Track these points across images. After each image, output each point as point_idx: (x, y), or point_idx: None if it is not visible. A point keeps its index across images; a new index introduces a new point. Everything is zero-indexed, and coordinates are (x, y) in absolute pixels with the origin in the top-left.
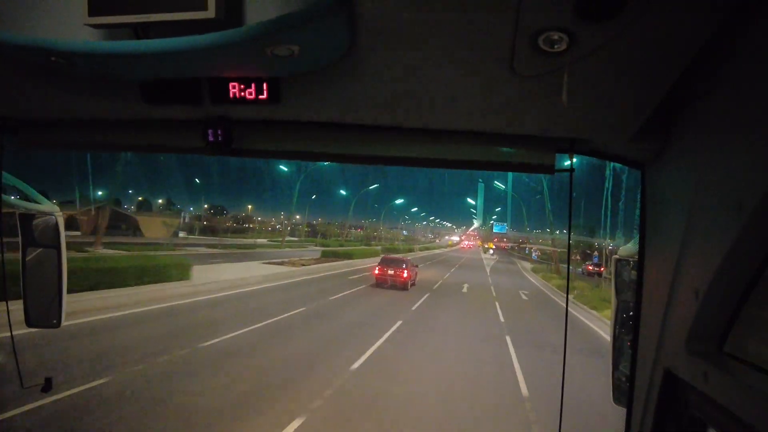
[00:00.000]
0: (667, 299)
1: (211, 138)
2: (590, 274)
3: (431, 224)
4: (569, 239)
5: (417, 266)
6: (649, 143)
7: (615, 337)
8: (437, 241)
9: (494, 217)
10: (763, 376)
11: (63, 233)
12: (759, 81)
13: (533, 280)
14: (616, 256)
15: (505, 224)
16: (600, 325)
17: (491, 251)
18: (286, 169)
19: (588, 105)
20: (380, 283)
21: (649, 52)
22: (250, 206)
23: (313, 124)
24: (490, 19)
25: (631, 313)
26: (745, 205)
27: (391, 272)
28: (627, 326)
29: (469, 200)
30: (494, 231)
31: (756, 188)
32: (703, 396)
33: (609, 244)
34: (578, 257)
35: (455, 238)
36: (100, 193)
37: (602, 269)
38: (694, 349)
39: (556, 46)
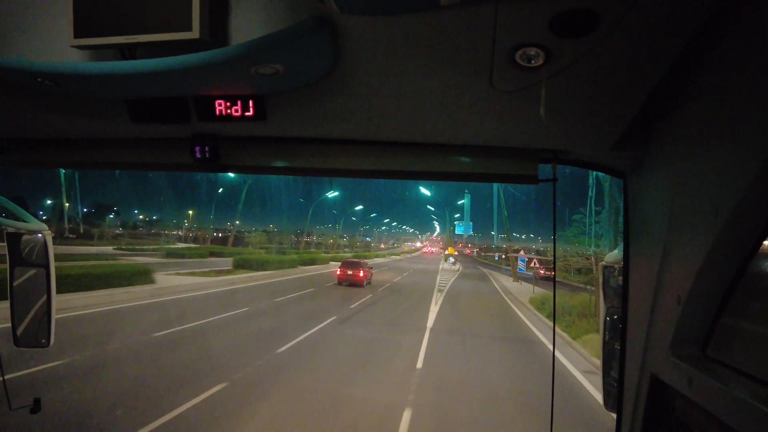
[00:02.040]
0: (651, 305)
1: (198, 155)
2: (543, 278)
3: (392, 230)
4: (554, 250)
5: (372, 268)
6: (629, 152)
7: (605, 343)
8: (382, 246)
9: (457, 215)
10: (746, 380)
11: (52, 252)
12: (731, 92)
13: None
14: (603, 263)
15: (471, 224)
16: None
17: (451, 259)
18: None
19: (568, 117)
20: (341, 281)
21: (624, 66)
22: (190, 212)
23: (299, 139)
24: (469, 36)
25: (618, 322)
26: (721, 212)
27: (350, 272)
28: (615, 332)
29: (423, 190)
30: (456, 233)
31: (731, 195)
32: (688, 400)
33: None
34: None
35: (418, 244)
36: None
37: (553, 273)
38: (678, 354)
39: (533, 62)
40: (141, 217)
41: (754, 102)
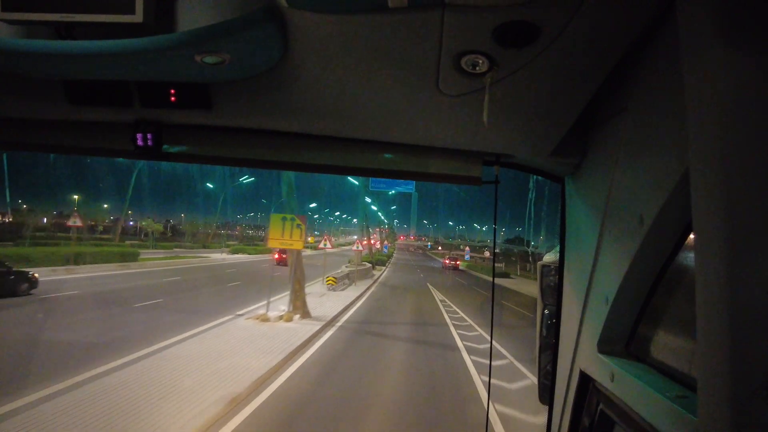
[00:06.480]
0: (583, 304)
1: (140, 142)
2: (447, 268)
3: (348, 227)
4: (494, 249)
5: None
6: (567, 158)
7: (541, 339)
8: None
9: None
10: (658, 375)
11: None
12: (655, 106)
13: None
14: (542, 262)
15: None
16: None
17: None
18: None
19: (510, 122)
20: (279, 262)
21: (562, 77)
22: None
23: (245, 130)
24: (416, 40)
25: (553, 319)
26: (645, 219)
27: (284, 256)
28: (550, 329)
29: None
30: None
31: (654, 204)
32: (611, 394)
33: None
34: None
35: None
36: None
37: (458, 262)
38: (604, 351)
39: (477, 68)
40: None
41: (674, 117)
